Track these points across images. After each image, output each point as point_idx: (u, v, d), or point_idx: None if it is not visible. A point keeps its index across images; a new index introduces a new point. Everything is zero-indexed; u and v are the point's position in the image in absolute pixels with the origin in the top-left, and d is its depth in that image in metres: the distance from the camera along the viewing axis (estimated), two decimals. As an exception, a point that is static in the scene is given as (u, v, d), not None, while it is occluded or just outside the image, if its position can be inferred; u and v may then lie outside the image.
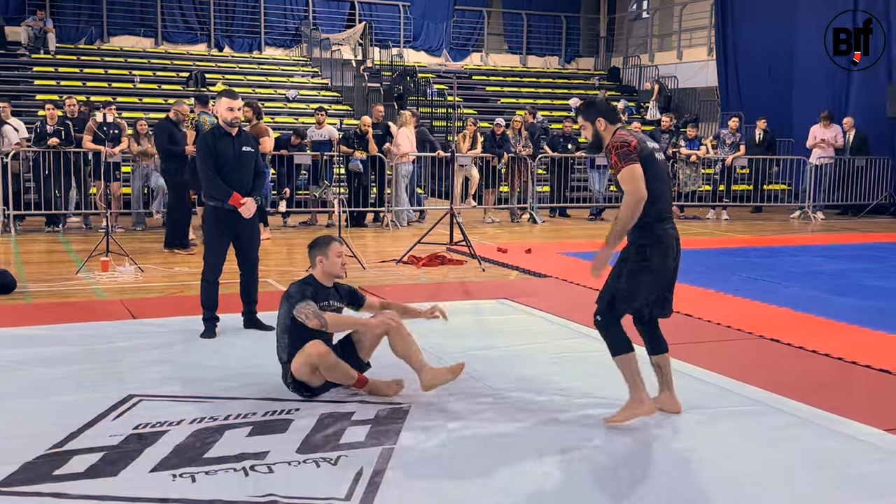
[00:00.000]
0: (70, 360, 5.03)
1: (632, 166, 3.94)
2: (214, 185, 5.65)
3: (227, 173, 5.66)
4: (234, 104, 5.72)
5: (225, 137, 5.72)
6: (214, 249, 5.80)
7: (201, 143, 5.74)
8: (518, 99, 20.45)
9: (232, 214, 5.69)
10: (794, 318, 6.58)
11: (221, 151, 5.67)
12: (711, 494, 3.31)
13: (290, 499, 3.18)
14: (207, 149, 5.67)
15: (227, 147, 5.69)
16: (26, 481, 3.31)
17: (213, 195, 5.70)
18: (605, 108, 4.15)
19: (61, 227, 11.45)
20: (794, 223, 14.36)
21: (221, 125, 5.75)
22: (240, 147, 5.74)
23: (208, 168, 5.65)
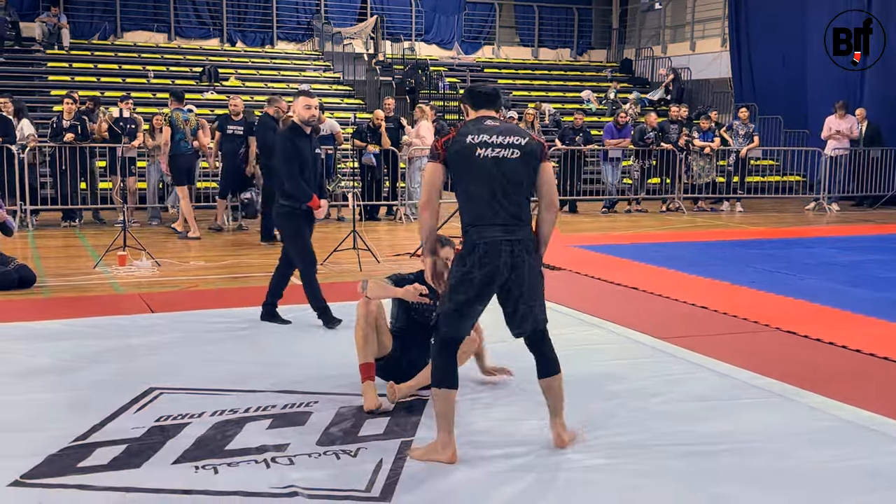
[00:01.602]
0: (90, 353, 5.09)
1: (429, 166, 3.54)
2: (298, 186, 5.55)
3: (305, 174, 5.59)
4: (312, 102, 5.62)
5: (303, 137, 5.64)
6: (301, 244, 5.73)
7: (285, 143, 5.62)
8: (530, 92, 20.42)
9: (308, 215, 5.66)
10: (810, 309, 6.57)
11: (301, 150, 5.58)
12: (725, 487, 3.32)
13: (312, 490, 3.21)
14: (291, 148, 5.55)
15: (306, 147, 5.63)
16: (51, 473, 3.35)
17: (293, 195, 5.59)
18: (470, 94, 3.69)
19: (77, 222, 11.53)
20: (809, 214, 14.30)
21: (298, 124, 5.65)
22: (315, 147, 5.72)
23: (292, 168, 5.53)
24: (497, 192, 3.46)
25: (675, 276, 7.96)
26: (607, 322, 6.03)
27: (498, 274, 3.46)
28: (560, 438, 3.66)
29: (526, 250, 3.50)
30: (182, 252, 9.41)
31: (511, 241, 3.46)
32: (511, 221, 3.48)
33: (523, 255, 3.48)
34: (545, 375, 3.68)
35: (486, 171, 3.46)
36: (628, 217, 13.66)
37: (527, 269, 3.50)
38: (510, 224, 3.47)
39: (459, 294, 3.49)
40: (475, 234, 3.47)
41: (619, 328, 5.87)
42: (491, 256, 3.43)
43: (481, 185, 3.47)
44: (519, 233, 3.49)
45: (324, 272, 8.11)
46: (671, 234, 11.44)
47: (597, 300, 6.80)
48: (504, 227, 3.46)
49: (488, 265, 3.44)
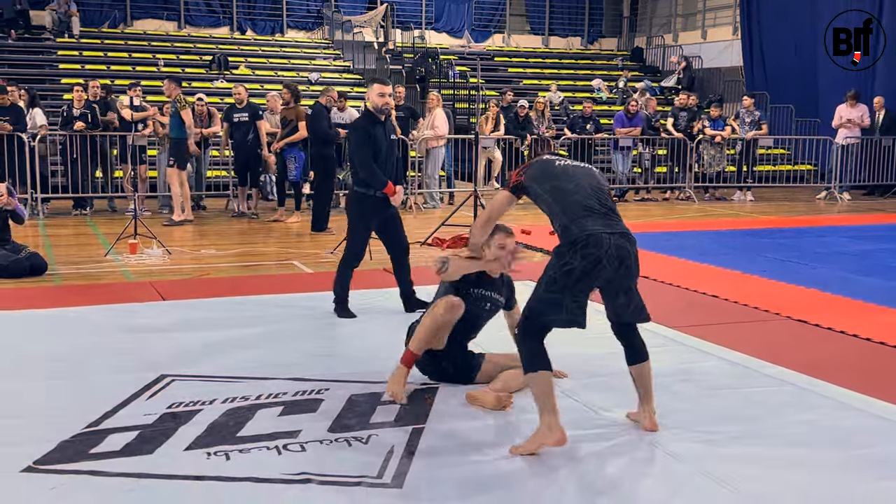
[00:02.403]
0: (102, 340, 5.10)
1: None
2: (372, 173, 5.53)
3: (380, 161, 5.56)
4: (386, 90, 5.58)
5: (378, 124, 5.61)
6: (359, 236, 5.73)
7: (359, 130, 5.61)
8: (541, 80, 20.35)
9: (381, 202, 5.62)
10: (822, 298, 6.55)
11: (377, 138, 5.55)
12: (741, 474, 3.31)
13: (324, 476, 3.22)
14: (366, 136, 5.55)
15: (381, 134, 5.59)
16: (63, 459, 3.37)
17: (367, 182, 5.57)
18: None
19: (88, 210, 11.57)
20: (821, 204, 14.23)
21: (372, 111, 5.62)
22: (390, 134, 5.68)
23: (367, 155, 5.52)
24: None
25: (686, 265, 7.94)
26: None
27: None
28: (652, 422, 3.75)
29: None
30: (193, 240, 9.44)
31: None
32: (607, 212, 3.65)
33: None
34: (635, 362, 3.79)
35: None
36: (638, 206, 13.62)
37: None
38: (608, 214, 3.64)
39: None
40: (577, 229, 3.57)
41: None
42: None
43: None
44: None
45: (334, 261, 8.13)
46: (682, 223, 11.41)
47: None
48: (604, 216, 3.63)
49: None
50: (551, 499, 3.12)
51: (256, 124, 11.08)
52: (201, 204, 12.17)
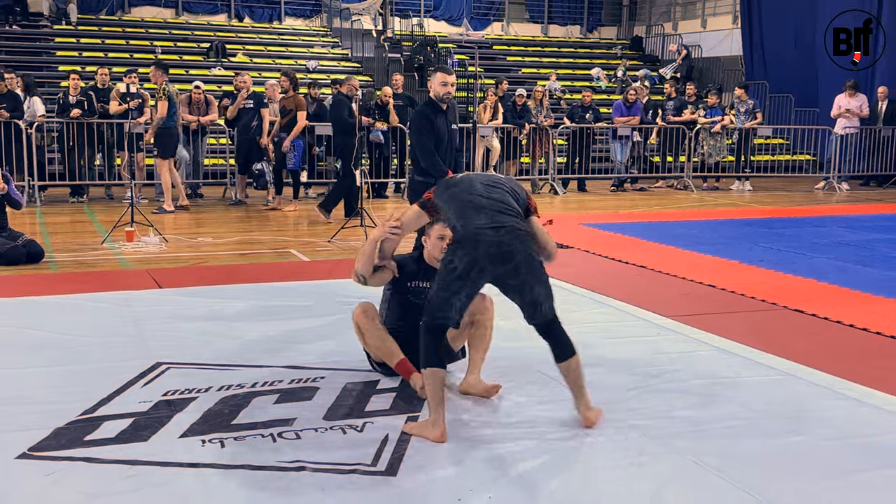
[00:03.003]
0: (98, 328, 5.10)
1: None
2: (433, 161, 5.50)
3: (441, 149, 5.53)
4: (449, 79, 5.51)
5: (439, 113, 5.56)
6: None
7: (421, 118, 5.57)
8: (539, 69, 20.29)
9: None
10: (819, 288, 6.55)
11: (438, 126, 5.51)
12: (735, 462, 3.31)
13: (318, 464, 3.22)
14: (427, 124, 5.52)
15: (442, 123, 5.55)
16: (58, 446, 3.36)
17: (427, 171, 5.52)
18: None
19: (85, 198, 11.55)
20: (819, 194, 14.22)
21: (434, 100, 5.56)
22: (451, 122, 5.62)
23: (428, 143, 5.50)
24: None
25: (684, 255, 7.93)
26: (615, 300, 6.02)
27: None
28: (587, 419, 3.65)
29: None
30: (190, 228, 9.42)
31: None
32: (493, 212, 3.58)
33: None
34: (560, 360, 3.66)
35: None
36: (637, 195, 13.61)
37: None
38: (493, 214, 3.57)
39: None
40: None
41: (627, 306, 5.85)
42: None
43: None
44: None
45: (331, 249, 8.13)
46: (680, 213, 11.40)
47: (605, 278, 6.78)
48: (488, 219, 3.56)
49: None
50: (543, 485, 3.12)
51: (260, 112, 11.08)
52: (198, 192, 12.15)
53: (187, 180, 12.11)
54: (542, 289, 3.59)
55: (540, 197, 13.29)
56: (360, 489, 3.05)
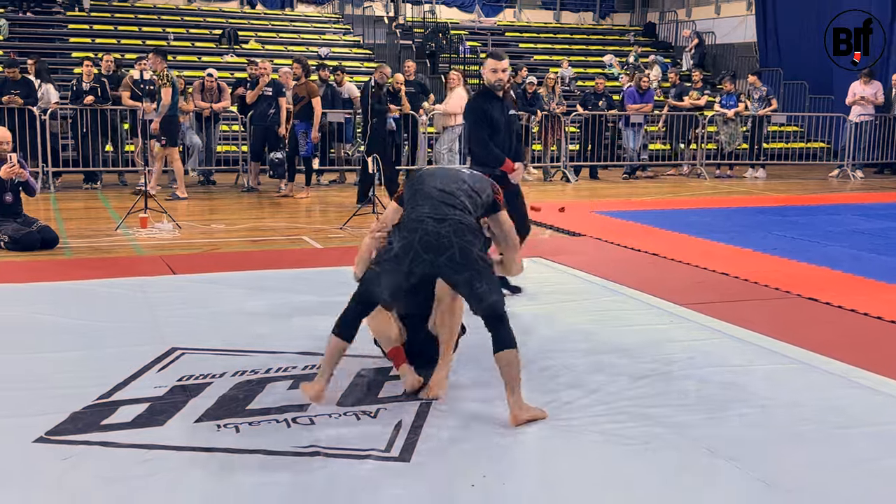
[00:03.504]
0: (113, 313, 5.13)
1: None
2: (488, 151, 5.37)
3: (498, 138, 5.37)
4: (499, 65, 5.31)
5: (494, 101, 5.40)
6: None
7: (474, 109, 5.43)
8: (552, 56, 20.22)
9: (500, 180, 5.10)
10: (833, 276, 6.52)
11: (493, 115, 5.34)
12: (748, 450, 3.31)
13: (333, 449, 3.24)
14: (481, 113, 5.36)
15: (497, 111, 5.38)
16: (75, 430, 3.39)
17: (483, 161, 5.36)
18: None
19: (99, 184, 11.60)
20: (833, 182, 14.14)
21: (488, 88, 5.39)
22: (507, 110, 5.45)
23: (482, 133, 5.35)
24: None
25: (697, 243, 7.91)
26: (628, 288, 6.01)
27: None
28: (514, 417, 3.52)
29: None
30: (203, 215, 9.45)
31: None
32: (436, 203, 3.67)
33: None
34: (496, 351, 3.55)
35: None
36: (650, 183, 13.57)
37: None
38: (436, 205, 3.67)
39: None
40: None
41: (640, 294, 5.84)
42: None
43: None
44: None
45: (343, 236, 8.15)
46: (693, 201, 11.36)
47: (617, 266, 6.78)
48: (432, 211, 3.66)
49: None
50: (557, 470, 3.13)
51: (278, 100, 11.10)
52: (211, 179, 12.19)
53: (200, 167, 12.15)
54: (484, 284, 3.55)
55: (552, 185, 13.28)
56: (374, 474, 3.07)
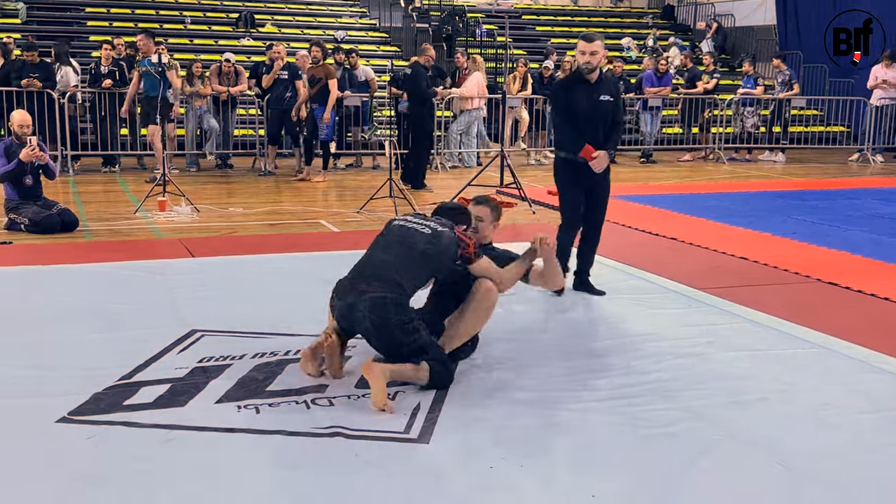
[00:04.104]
0: (133, 296, 5.16)
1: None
2: (564, 137, 5.30)
3: (581, 123, 5.19)
4: (587, 47, 5.11)
5: (580, 85, 5.21)
6: (569, 202, 5.42)
7: (554, 92, 5.42)
8: (569, 39, 20.08)
9: (582, 166, 5.23)
10: (853, 261, 6.49)
11: (575, 100, 5.18)
12: (768, 434, 3.31)
13: (352, 430, 3.26)
14: (560, 97, 5.29)
15: (582, 95, 5.19)
16: (98, 411, 3.43)
17: (563, 146, 5.33)
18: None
19: (117, 168, 11.65)
20: (853, 166, 14.02)
21: (577, 71, 5.26)
22: (597, 95, 5.21)
23: (560, 117, 5.28)
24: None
25: (716, 227, 7.87)
26: (646, 272, 6.00)
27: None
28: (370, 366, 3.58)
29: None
30: (221, 198, 9.49)
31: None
32: (369, 272, 3.83)
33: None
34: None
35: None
36: (667, 167, 13.49)
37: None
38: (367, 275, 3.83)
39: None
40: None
41: (658, 278, 5.83)
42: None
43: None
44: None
45: (360, 220, 8.16)
46: (711, 185, 11.29)
47: (635, 251, 6.76)
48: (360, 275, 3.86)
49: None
50: (576, 453, 3.14)
51: (295, 84, 11.10)
52: (228, 162, 12.22)
53: (217, 150, 12.18)
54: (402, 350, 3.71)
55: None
56: (394, 456, 3.09)
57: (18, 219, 7.24)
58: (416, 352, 3.71)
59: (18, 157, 7.21)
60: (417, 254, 3.86)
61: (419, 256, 3.86)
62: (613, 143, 5.34)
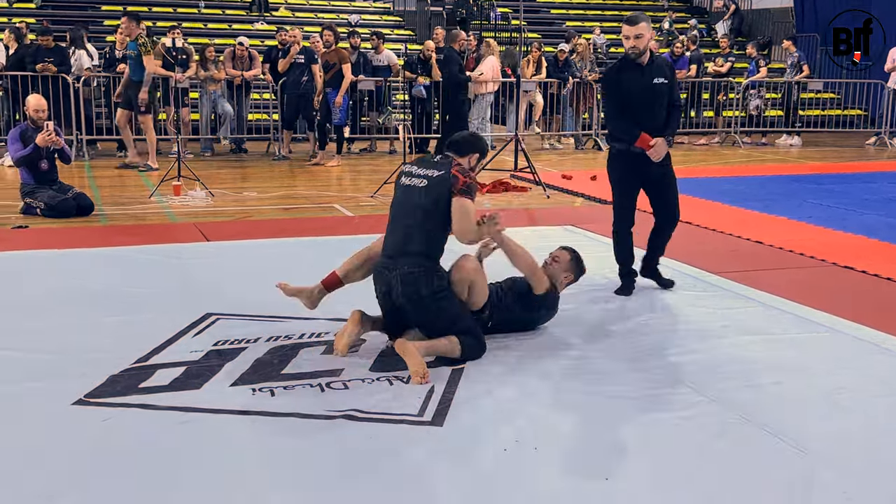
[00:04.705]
0: (148, 280, 5.20)
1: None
2: (618, 124, 4.96)
3: (635, 110, 4.84)
4: (630, 31, 4.78)
5: (631, 70, 4.86)
6: (621, 197, 5.09)
7: (605, 80, 5.06)
8: (584, 22, 19.96)
9: (638, 157, 4.87)
10: (869, 245, 6.45)
11: (628, 86, 4.85)
12: (782, 418, 3.30)
13: (366, 413, 3.27)
14: (611, 85, 4.98)
15: (635, 80, 4.84)
16: (113, 393, 3.45)
17: (617, 136, 5.00)
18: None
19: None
20: (870, 150, 13.91)
21: (625, 57, 4.94)
22: (650, 79, 4.85)
23: (612, 106, 4.98)
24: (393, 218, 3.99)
25: (731, 211, 7.84)
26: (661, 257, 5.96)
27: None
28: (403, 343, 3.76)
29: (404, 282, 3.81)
30: (235, 182, 9.51)
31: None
32: (394, 252, 3.88)
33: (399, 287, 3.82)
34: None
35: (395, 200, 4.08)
36: (681, 151, 13.42)
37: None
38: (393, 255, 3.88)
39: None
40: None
41: (672, 262, 5.79)
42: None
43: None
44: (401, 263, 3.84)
45: (374, 204, 8.16)
46: (726, 169, 11.23)
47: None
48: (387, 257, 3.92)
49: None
50: (590, 437, 3.14)
51: (311, 68, 11.09)
52: (243, 147, 12.24)
53: (231, 135, 12.20)
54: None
55: (584, 153, 13.18)
56: (408, 438, 3.10)
57: (34, 203, 7.28)
58: (448, 323, 3.79)
59: (34, 141, 7.25)
60: (421, 214, 3.88)
61: (423, 216, 3.87)
62: (672, 128, 5.00)
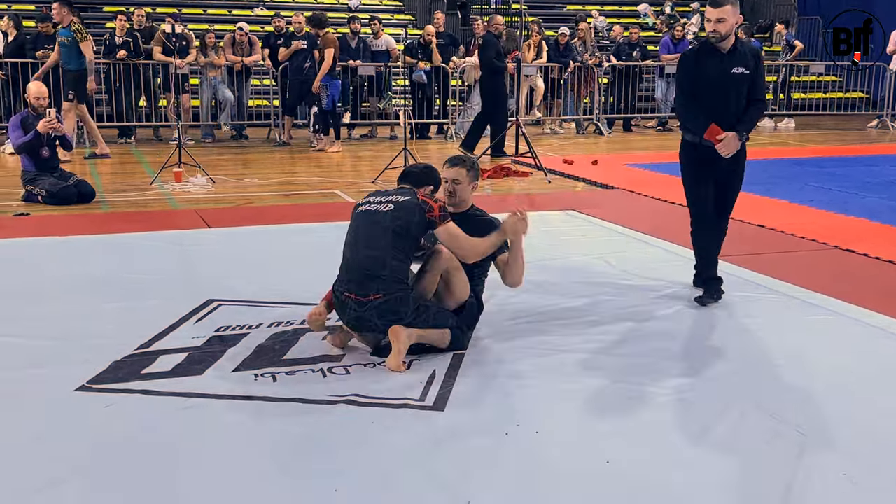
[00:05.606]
0: (150, 266, 5.20)
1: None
2: (685, 115, 4.71)
3: (708, 100, 4.52)
4: (713, 14, 4.41)
5: (710, 56, 4.52)
6: (695, 194, 4.75)
7: (679, 64, 4.70)
8: (585, 6, 19.87)
9: (709, 152, 4.56)
10: (871, 228, 6.44)
11: (703, 73, 4.51)
12: (783, 400, 3.31)
13: (368, 398, 3.28)
14: (684, 71, 4.62)
15: (712, 66, 4.49)
16: (116, 379, 3.46)
17: (686, 126, 4.73)
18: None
19: (133, 139, 11.68)
20: (872, 132, 13.88)
21: (704, 41, 4.61)
22: (730, 67, 4.49)
23: (682, 91, 4.65)
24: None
25: (732, 195, 7.81)
26: (662, 241, 5.98)
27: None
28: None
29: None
30: (236, 169, 9.51)
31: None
32: (360, 277, 3.69)
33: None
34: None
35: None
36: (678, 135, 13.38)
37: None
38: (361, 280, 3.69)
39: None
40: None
41: (674, 247, 5.80)
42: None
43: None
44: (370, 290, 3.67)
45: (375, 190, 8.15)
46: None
47: (651, 219, 6.73)
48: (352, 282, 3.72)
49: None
50: (590, 421, 3.15)
51: (313, 53, 11.06)
52: (244, 133, 12.22)
53: (232, 121, 12.18)
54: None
55: (585, 138, 13.16)
56: (410, 423, 3.11)
57: (35, 190, 7.28)
58: (432, 325, 3.73)
59: (35, 128, 7.24)
60: (391, 235, 3.66)
61: (392, 237, 3.66)
62: (747, 123, 4.60)
